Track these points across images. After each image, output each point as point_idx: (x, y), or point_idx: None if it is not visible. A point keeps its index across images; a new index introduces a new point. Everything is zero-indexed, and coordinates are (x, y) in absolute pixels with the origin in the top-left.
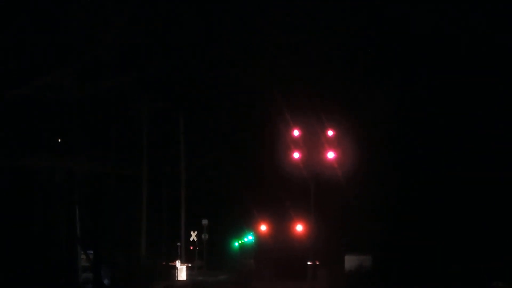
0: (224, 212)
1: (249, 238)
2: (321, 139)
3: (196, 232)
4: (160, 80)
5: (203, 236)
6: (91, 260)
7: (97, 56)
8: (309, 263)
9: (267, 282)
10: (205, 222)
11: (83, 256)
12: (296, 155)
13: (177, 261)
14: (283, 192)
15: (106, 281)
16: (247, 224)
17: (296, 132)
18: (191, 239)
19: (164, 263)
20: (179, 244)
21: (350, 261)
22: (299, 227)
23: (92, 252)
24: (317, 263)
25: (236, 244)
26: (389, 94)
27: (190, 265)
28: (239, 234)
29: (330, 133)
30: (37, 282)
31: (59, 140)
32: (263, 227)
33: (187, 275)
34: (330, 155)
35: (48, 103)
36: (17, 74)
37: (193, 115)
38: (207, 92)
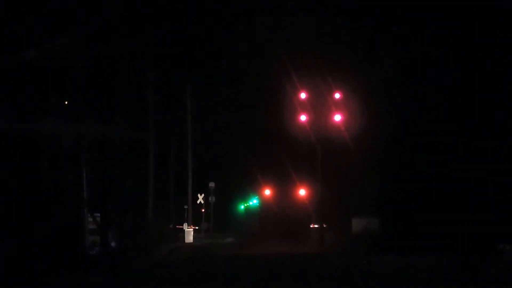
0: (231, 175)
1: (254, 202)
2: (328, 101)
3: (203, 195)
4: (167, 43)
5: (210, 199)
6: (98, 223)
7: (105, 20)
8: (316, 226)
9: (271, 244)
10: (212, 185)
11: (90, 219)
12: (303, 117)
13: (184, 224)
14: (288, 155)
15: (113, 244)
16: (252, 187)
17: (303, 95)
18: (198, 202)
19: (171, 226)
20: (186, 206)
21: (357, 224)
22: (302, 191)
23: (99, 215)
24: (324, 226)
25: (242, 207)
26: (397, 54)
27: (197, 228)
28: (245, 197)
29: (337, 95)
30: (44, 245)
31: (66, 104)
32: (267, 192)
33: (194, 238)
34: (337, 117)
35: (56, 67)
36: (25, 38)
37: (200, 78)
38: (214, 55)
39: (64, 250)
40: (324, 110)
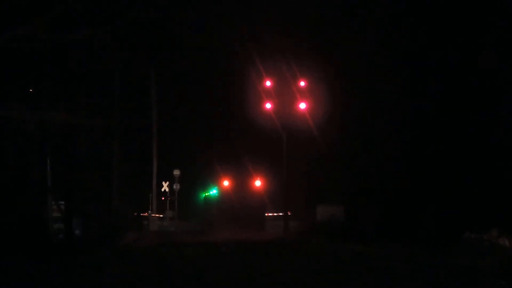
0: (195, 163)
1: (213, 191)
2: (293, 89)
3: (167, 183)
4: (131, 30)
5: (174, 187)
6: (63, 211)
7: (68, 7)
8: (276, 214)
9: (232, 232)
10: (176, 172)
11: (54, 207)
12: (268, 105)
13: (148, 212)
14: (249, 144)
15: (77, 232)
16: (212, 177)
17: (268, 83)
18: (162, 190)
19: (135, 214)
20: (150, 194)
21: (322, 212)
22: (259, 182)
23: (63, 203)
24: (289, 213)
25: (204, 195)
26: (363, 40)
27: (161, 216)
28: (206, 185)
29: (302, 83)
30: (7, 233)
31: (31, 91)
32: (226, 181)
33: (159, 225)
34: (302, 105)
35: (20, 54)
36: None
37: (164, 64)
38: (178, 43)
39: (28, 238)
40: (289, 98)
